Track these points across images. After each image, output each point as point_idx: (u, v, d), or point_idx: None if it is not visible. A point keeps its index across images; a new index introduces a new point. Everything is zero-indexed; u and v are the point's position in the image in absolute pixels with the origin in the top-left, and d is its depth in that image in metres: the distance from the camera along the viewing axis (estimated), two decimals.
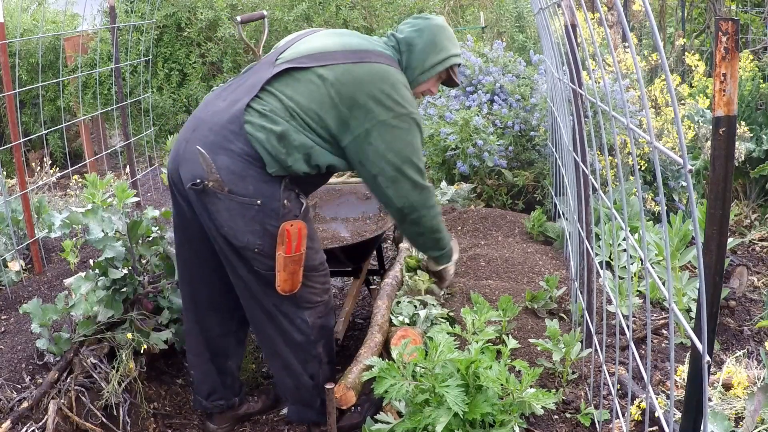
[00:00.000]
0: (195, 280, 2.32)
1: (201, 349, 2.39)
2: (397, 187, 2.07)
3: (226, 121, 2.03)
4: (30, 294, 2.97)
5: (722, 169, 1.07)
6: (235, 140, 2.00)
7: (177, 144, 2.15)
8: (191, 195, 2.08)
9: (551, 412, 2.13)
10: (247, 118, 2.01)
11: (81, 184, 4.44)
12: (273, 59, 2.14)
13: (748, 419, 1.83)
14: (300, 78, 2.04)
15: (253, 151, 2.00)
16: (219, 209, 2.03)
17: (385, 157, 2.03)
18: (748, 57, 4.95)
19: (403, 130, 2.05)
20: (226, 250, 2.11)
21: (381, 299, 2.50)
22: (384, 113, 2.02)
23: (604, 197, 1.94)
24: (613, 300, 1.80)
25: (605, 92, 3.09)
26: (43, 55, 6.12)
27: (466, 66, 4.74)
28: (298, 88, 2.04)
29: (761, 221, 4.13)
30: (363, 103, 2.01)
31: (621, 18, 1.34)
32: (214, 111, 2.08)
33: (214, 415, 2.48)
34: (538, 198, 4.21)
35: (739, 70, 1.06)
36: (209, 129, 2.05)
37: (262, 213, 2.02)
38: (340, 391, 1.99)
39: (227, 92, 2.14)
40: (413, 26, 2.21)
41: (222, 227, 2.05)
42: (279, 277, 2.06)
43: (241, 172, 2.00)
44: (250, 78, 2.13)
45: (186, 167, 2.07)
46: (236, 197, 2.00)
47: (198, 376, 2.44)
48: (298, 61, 2.07)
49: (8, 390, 2.28)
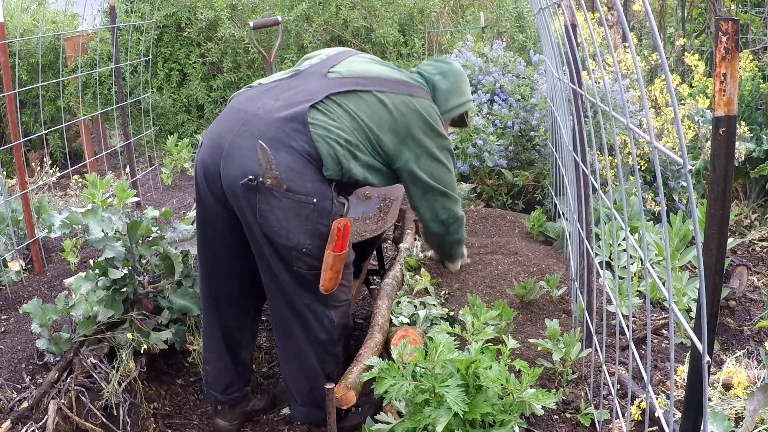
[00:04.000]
0: (218, 277, 2.34)
1: (219, 343, 2.41)
2: (444, 200, 2.37)
3: (287, 119, 2.04)
4: (30, 294, 2.97)
5: (722, 169, 1.07)
6: (298, 138, 2.03)
7: (217, 137, 2.10)
8: (236, 192, 2.04)
9: (551, 412, 2.13)
10: (312, 119, 2.05)
11: (81, 184, 4.44)
12: (324, 71, 2.21)
13: (747, 419, 1.83)
14: (363, 97, 2.15)
15: (315, 151, 2.04)
16: (272, 207, 2.01)
17: (432, 180, 2.30)
18: (748, 57, 4.95)
19: (444, 159, 2.33)
20: (265, 250, 2.11)
21: (381, 299, 2.50)
22: (432, 144, 2.26)
23: (604, 197, 1.94)
24: (613, 300, 1.80)
25: (605, 92, 3.09)
26: (43, 55, 6.12)
27: (466, 66, 4.74)
28: (361, 106, 2.14)
29: (761, 221, 4.13)
30: (415, 133, 2.22)
31: (621, 18, 1.34)
32: (267, 108, 2.08)
33: (225, 410, 2.48)
34: (538, 198, 4.21)
35: (739, 70, 1.06)
36: (266, 125, 2.04)
37: (317, 212, 2.06)
38: (340, 391, 1.99)
39: (276, 93, 2.15)
40: (438, 69, 2.42)
41: (271, 226, 2.04)
42: (324, 276, 2.09)
43: (301, 170, 2.03)
44: (301, 84, 2.16)
45: (235, 162, 2.03)
46: (294, 195, 2.02)
47: (214, 372, 2.44)
48: (358, 82, 2.18)
49: (8, 390, 2.29)
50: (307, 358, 2.24)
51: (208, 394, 2.49)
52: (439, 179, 2.32)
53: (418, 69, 2.46)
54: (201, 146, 2.18)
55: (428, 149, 2.25)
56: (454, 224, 2.47)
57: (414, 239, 3.08)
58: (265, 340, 3.01)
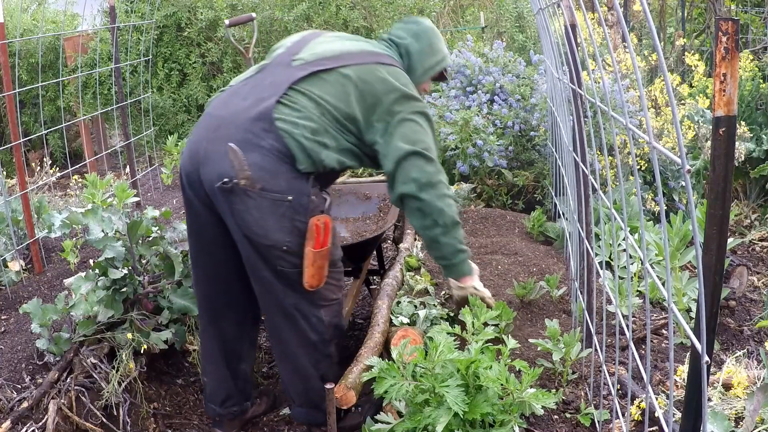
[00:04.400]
0: (212, 284, 2.31)
1: (216, 354, 2.38)
2: (415, 161, 2.15)
3: (254, 118, 2.04)
4: (30, 294, 2.97)
5: (722, 169, 1.08)
6: (266, 137, 2.03)
7: (194, 144, 2.12)
8: (216, 195, 2.05)
9: (551, 412, 2.13)
10: (278, 115, 2.04)
11: (81, 184, 4.44)
12: (288, 60, 2.18)
13: (747, 419, 1.83)
14: (325, 78, 2.12)
15: (285, 147, 2.03)
16: (248, 208, 2.03)
17: (404, 142, 2.14)
18: (748, 57, 4.95)
19: (419, 120, 2.19)
20: (249, 251, 2.11)
21: (381, 299, 2.50)
22: (403, 109, 2.16)
23: (604, 197, 1.94)
24: (613, 300, 1.80)
25: (605, 92, 3.09)
26: (43, 55, 6.12)
27: (466, 66, 4.74)
28: (325, 87, 2.11)
29: (761, 221, 4.13)
30: (384, 101, 2.14)
31: (620, 18, 1.34)
32: (236, 110, 2.09)
33: (223, 421, 2.47)
34: (538, 198, 4.21)
35: (739, 70, 1.06)
36: (236, 127, 2.05)
37: (293, 209, 2.05)
38: (340, 391, 1.99)
39: (245, 91, 2.15)
40: (409, 32, 2.37)
41: (249, 227, 2.05)
42: (307, 273, 2.09)
43: (273, 169, 2.03)
44: (267, 78, 2.16)
45: (210, 167, 2.05)
46: (268, 194, 2.02)
47: (212, 384, 2.42)
48: (320, 63, 2.14)
49: (8, 390, 2.29)
50: (299, 359, 2.23)
51: (207, 406, 2.48)
52: (414, 141, 2.14)
53: (389, 35, 2.42)
54: (182, 155, 2.21)
55: (400, 115, 2.15)
56: (428, 187, 2.14)
57: (414, 239, 3.09)
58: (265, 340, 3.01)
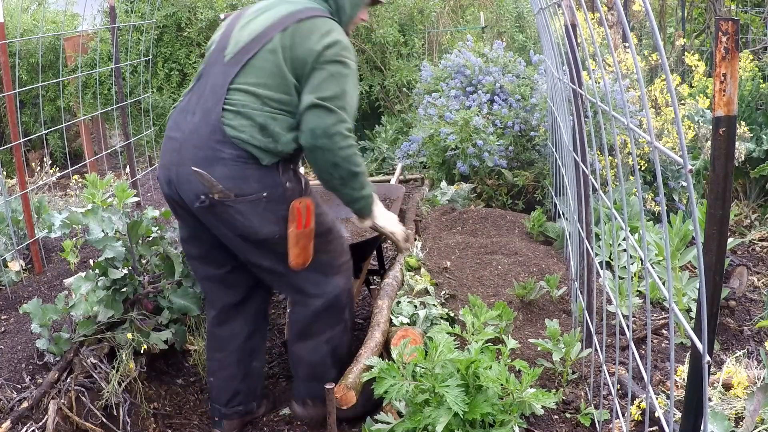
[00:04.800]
0: (221, 286, 2.39)
1: (227, 354, 2.42)
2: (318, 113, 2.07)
3: (209, 134, 2.08)
4: (30, 294, 2.97)
5: (722, 169, 1.08)
6: (224, 148, 2.07)
7: (166, 170, 2.18)
8: (199, 212, 2.14)
9: (551, 412, 2.13)
10: (226, 123, 2.07)
11: (81, 184, 4.44)
12: (219, 58, 2.17)
13: (748, 419, 1.83)
14: (255, 63, 2.10)
15: (243, 151, 2.07)
16: (231, 214, 2.11)
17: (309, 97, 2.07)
18: (748, 57, 4.95)
19: (329, 72, 2.09)
20: (245, 248, 2.20)
21: (381, 299, 2.50)
22: (318, 60, 2.08)
23: (604, 197, 1.94)
24: (613, 300, 1.80)
25: (605, 92, 3.09)
26: (43, 55, 6.12)
27: (466, 66, 4.74)
28: (258, 73, 2.10)
29: (761, 221, 4.13)
30: (309, 59, 2.08)
31: (621, 18, 1.34)
32: (190, 129, 2.13)
33: (222, 421, 2.47)
34: (538, 198, 4.21)
35: (739, 70, 1.06)
36: (194, 146, 2.10)
37: (272, 203, 2.12)
38: (340, 392, 1.99)
39: (192, 105, 2.17)
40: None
41: (239, 229, 2.14)
42: (292, 253, 2.16)
43: (240, 175, 2.08)
44: (207, 83, 2.16)
45: (186, 188, 2.13)
46: (245, 198, 2.09)
47: (218, 383, 2.44)
48: (247, 50, 2.12)
49: (8, 390, 2.28)
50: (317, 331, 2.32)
51: (212, 408, 2.49)
52: (319, 91, 2.06)
53: None
54: (158, 179, 2.28)
55: (318, 65, 2.08)
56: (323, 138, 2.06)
57: (414, 239, 3.08)
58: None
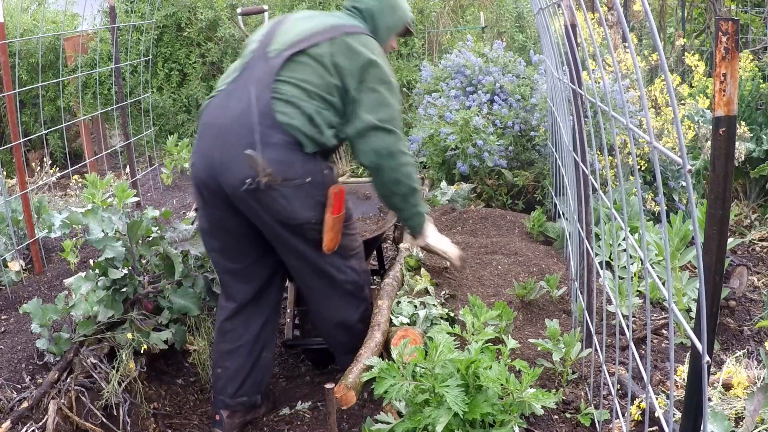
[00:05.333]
0: (240, 279, 2.44)
1: (239, 345, 2.45)
2: (380, 133, 2.29)
3: (258, 120, 2.18)
4: (30, 294, 2.97)
5: (722, 169, 1.08)
6: (273, 134, 2.18)
7: (205, 156, 2.25)
8: (241, 197, 2.20)
9: (551, 412, 2.13)
10: (276, 110, 2.19)
11: (81, 184, 4.44)
12: (264, 53, 2.29)
13: (748, 419, 1.83)
14: (300, 61, 2.25)
15: (292, 138, 2.20)
16: (275, 198, 2.20)
17: (365, 117, 2.28)
18: (748, 57, 4.94)
19: (382, 93, 2.31)
20: (280, 234, 2.29)
21: (381, 299, 2.50)
22: (369, 78, 2.28)
23: (604, 197, 1.94)
24: (613, 300, 1.80)
25: (605, 92, 3.09)
26: (43, 55, 6.12)
27: (466, 66, 4.74)
28: (303, 70, 2.24)
29: (761, 221, 4.13)
30: (354, 71, 2.26)
31: (621, 18, 1.34)
32: (235, 114, 2.21)
33: (223, 420, 2.47)
34: (538, 198, 4.21)
35: (739, 70, 1.06)
36: (241, 131, 2.18)
37: (313, 188, 2.25)
38: (340, 391, 1.99)
39: (236, 93, 2.25)
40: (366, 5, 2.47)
41: (279, 214, 2.23)
42: (326, 238, 2.29)
43: (288, 160, 2.20)
44: (251, 75, 2.26)
45: (230, 174, 2.19)
46: (291, 182, 2.21)
47: (227, 374, 2.45)
48: (292, 48, 2.26)
49: (8, 390, 2.29)
50: (340, 311, 2.46)
51: (216, 400, 2.49)
52: (377, 112, 2.27)
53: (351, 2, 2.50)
54: (193, 166, 2.32)
55: (366, 84, 2.27)
56: (388, 157, 2.29)
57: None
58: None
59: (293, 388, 2.82)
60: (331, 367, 2.95)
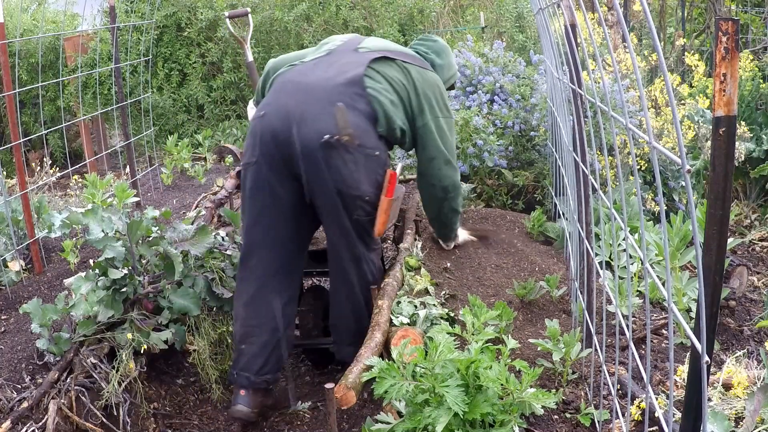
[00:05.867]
0: (277, 244, 2.46)
1: (266, 320, 2.45)
2: (449, 168, 2.64)
3: (346, 84, 2.36)
4: (30, 294, 2.97)
5: (722, 169, 1.08)
6: (359, 100, 2.36)
7: (285, 106, 2.33)
8: (311, 152, 2.27)
9: (551, 412, 2.12)
10: (367, 84, 2.39)
11: (81, 184, 4.44)
12: (353, 48, 2.55)
13: (748, 419, 1.83)
14: (392, 65, 2.50)
15: (372, 111, 2.37)
16: (346, 162, 2.30)
17: (440, 147, 2.58)
18: (748, 57, 4.94)
19: (449, 131, 2.64)
20: (335, 201, 2.35)
21: (381, 299, 2.50)
22: (441, 113, 2.59)
23: (604, 197, 1.94)
24: (613, 300, 1.80)
25: (605, 92, 3.09)
26: (43, 55, 6.12)
27: (466, 66, 4.74)
28: (393, 72, 2.48)
29: (761, 221, 4.13)
30: (431, 101, 2.55)
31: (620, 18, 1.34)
32: (322, 78, 2.39)
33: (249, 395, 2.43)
34: (538, 198, 4.21)
35: (739, 70, 1.06)
36: (328, 91, 2.33)
37: (378, 163, 2.40)
38: (340, 391, 1.99)
39: (323, 66, 2.46)
40: (430, 48, 2.79)
41: (344, 179, 2.31)
42: (379, 220, 2.44)
43: (366, 128, 2.35)
44: (340, 59, 2.48)
45: (309, 126, 2.28)
46: (364, 149, 2.34)
47: (253, 351, 2.43)
48: (384, 52, 2.52)
49: (8, 390, 2.29)
50: (358, 299, 2.52)
51: (240, 377, 2.44)
52: (447, 148, 2.60)
53: (415, 49, 2.79)
54: (264, 116, 2.39)
55: (439, 118, 2.57)
56: (453, 191, 2.69)
57: (414, 239, 3.08)
58: None
59: (293, 388, 2.82)
60: (331, 367, 2.96)
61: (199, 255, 2.77)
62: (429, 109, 2.54)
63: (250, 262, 2.47)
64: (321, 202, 2.38)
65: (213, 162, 5.47)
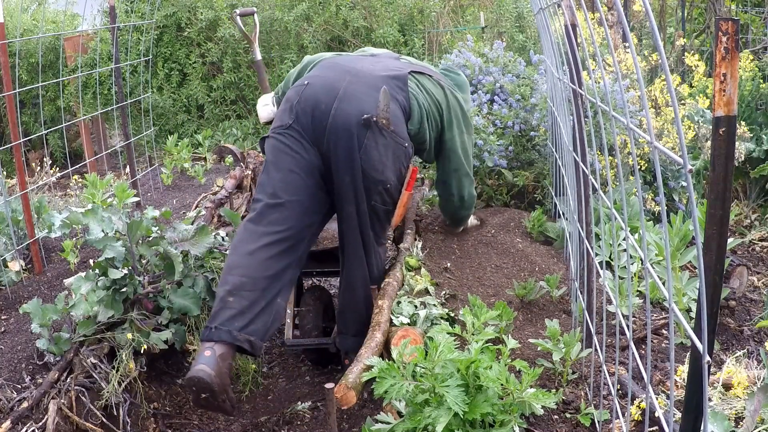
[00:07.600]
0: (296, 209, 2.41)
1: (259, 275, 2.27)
2: (467, 180, 2.90)
3: (391, 77, 2.53)
4: (30, 294, 2.97)
5: (722, 169, 1.07)
6: (399, 93, 2.52)
7: (331, 81, 2.45)
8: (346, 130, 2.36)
9: (551, 412, 2.12)
10: (410, 81, 2.58)
11: (81, 184, 4.44)
12: (395, 56, 2.83)
13: (748, 419, 1.83)
14: (429, 79, 2.70)
15: (408, 107, 2.54)
16: (377, 144, 2.40)
17: (462, 159, 2.83)
18: (748, 57, 4.94)
19: (471, 146, 2.91)
20: (358, 182, 2.42)
21: (381, 299, 2.50)
22: (466, 131, 2.85)
23: (604, 197, 1.94)
24: (613, 300, 1.80)
25: (605, 92, 3.09)
26: (43, 55, 6.12)
27: (466, 66, 4.74)
28: (430, 86, 2.68)
29: (761, 221, 4.13)
30: (459, 118, 2.78)
31: (621, 18, 1.34)
32: (369, 68, 2.56)
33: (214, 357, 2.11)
34: (538, 198, 4.21)
35: (739, 70, 1.06)
36: (374, 78, 2.48)
37: (404, 154, 2.52)
38: (340, 391, 1.99)
39: (369, 61, 2.65)
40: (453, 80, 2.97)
41: (372, 161, 2.40)
42: (397, 213, 2.60)
43: (401, 118, 2.50)
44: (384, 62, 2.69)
45: (351, 103, 2.39)
46: (396, 137, 2.46)
47: (240, 304, 2.21)
48: (422, 68, 2.75)
49: (8, 390, 2.29)
50: (361, 293, 2.57)
51: (218, 330, 2.16)
52: (468, 162, 2.85)
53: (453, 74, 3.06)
54: (308, 86, 2.47)
55: (464, 134, 2.80)
56: (469, 200, 2.97)
57: (414, 239, 3.08)
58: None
59: (293, 388, 2.82)
60: (331, 367, 2.95)
61: (199, 255, 2.78)
62: (457, 125, 2.75)
63: (264, 218, 2.35)
64: (343, 180, 2.41)
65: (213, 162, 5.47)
